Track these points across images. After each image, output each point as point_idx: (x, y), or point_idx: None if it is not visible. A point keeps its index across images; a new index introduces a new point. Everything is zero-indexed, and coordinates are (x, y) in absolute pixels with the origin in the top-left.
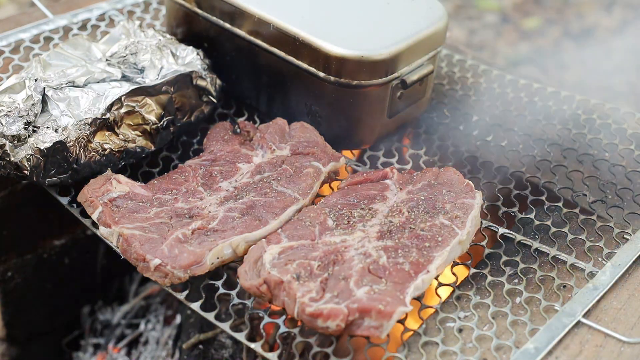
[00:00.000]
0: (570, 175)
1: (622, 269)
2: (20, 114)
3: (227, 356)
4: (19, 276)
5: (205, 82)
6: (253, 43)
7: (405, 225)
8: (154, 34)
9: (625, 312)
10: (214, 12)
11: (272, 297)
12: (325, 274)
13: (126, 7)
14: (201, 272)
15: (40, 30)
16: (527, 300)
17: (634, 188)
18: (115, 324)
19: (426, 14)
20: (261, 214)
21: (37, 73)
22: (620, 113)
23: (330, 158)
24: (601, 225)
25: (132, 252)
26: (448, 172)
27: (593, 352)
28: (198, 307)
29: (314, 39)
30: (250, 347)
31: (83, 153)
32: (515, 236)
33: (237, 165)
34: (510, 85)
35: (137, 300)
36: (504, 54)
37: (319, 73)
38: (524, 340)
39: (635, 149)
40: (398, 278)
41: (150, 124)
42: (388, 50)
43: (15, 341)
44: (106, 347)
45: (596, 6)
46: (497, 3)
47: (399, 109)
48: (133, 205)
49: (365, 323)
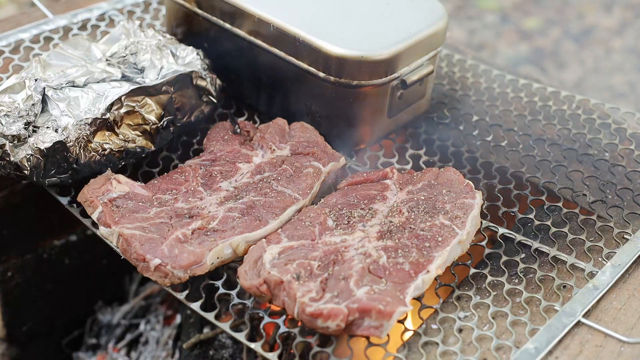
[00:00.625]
0: (570, 175)
1: (622, 269)
2: (20, 114)
3: (227, 356)
4: (19, 276)
5: (205, 82)
6: (253, 43)
7: (405, 225)
8: (154, 34)
9: (625, 312)
10: (214, 12)
11: (272, 297)
12: (325, 274)
13: (126, 7)
14: (201, 272)
15: (40, 30)
16: (527, 300)
17: (634, 188)
18: (115, 324)
19: (426, 14)
20: (261, 214)
21: (37, 73)
22: (620, 113)
23: (331, 158)
24: (601, 225)
25: (132, 252)
26: (448, 172)
27: (593, 352)
28: (198, 307)
29: (314, 39)
30: (250, 347)
31: (83, 153)
32: (515, 236)
33: (237, 165)
34: (510, 85)
35: (137, 300)
36: (504, 54)
37: (319, 73)
38: (524, 340)
39: (635, 149)
40: (398, 278)
41: (150, 124)
42: (388, 50)
43: (15, 341)
44: (106, 347)
45: (596, 6)
46: (497, 3)
47: (399, 109)
48: (133, 205)
49: (365, 323)
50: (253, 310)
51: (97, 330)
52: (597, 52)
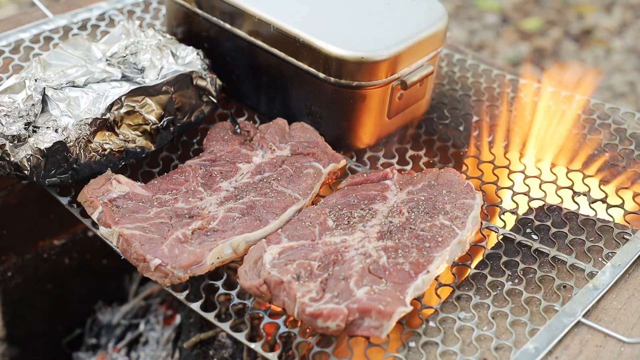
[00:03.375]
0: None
1: (622, 269)
2: (20, 114)
3: (227, 356)
4: (19, 276)
5: (205, 82)
6: (253, 44)
7: (405, 225)
8: (154, 34)
9: (625, 312)
10: (214, 12)
11: (272, 297)
12: (325, 274)
13: (126, 6)
14: (201, 272)
15: (40, 30)
16: (527, 301)
17: (634, 188)
18: (115, 324)
19: (426, 15)
20: (261, 214)
21: (37, 73)
22: (620, 113)
23: (331, 159)
24: (601, 226)
25: (132, 252)
26: (448, 173)
27: (593, 352)
28: (198, 307)
29: (314, 39)
30: (250, 347)
31: (83, 153)
32: (515, 236)
33: (237, 165)
34: (510, 85)
35: (137, 300)
36: (504, 54)
37: (319, 74)
38: (524, 340)
39: (635, 149)
40: (398, 278)
41: (150, 124)
42: (388, 51)
43: (15, 341)
44: (106, 347)
45: (596, 7)
46: (497, 3)
47: (399, 109)
48: (133, 206)
49: (365, 323)
50: (253, 311)
51: (97, 330)
52: (597, 52)
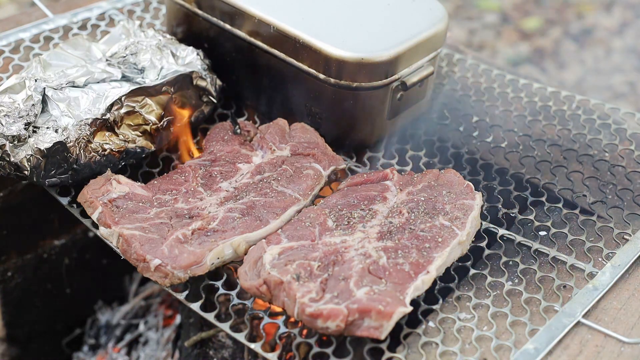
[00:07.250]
0: (570, 176)
1: (622, 270)
2: (20, 114)
3: (227, 356)
4: (19, 276)
5: (205, 82)
6: (253, 44)
7: (405, 226)
8: (154, 34)
9: (625, 312)
10: (214, 12)
11: (272, 297)
12: (325, 274)
13: (126, 6)
14: (201, 272)
15: (41, 30)
16: (527, 301)
17: (634, 188)
18: (115, 324)
19: (426, 16)
20: (262, 214)
21: (37, 73)
22: (620, 113)
23: (331, 160)
24: (601, 226)
25: (132, 253)
26: (448, 174)
27: (593, 352)
28: (198, 307)
29: (314, 40)
30: (250, 347)
31: (83, 153)
32: (515, 237)
33: (237, 165)
34: (510, 85)
35: (137, 300)
36: (504, 54)
37: (319, 75)
38: (524, 340)
39: (635, 149)
40: (398, 279)
41: (150, 124)
42: (388, 52)
43: (15, 341)
44: (106, 347)
45: (596, 6)
46: (497, 3)
47: (399, 110)
48: (133, 206)
49: (365, 323)
50: (253, 311)
51: (97, 330)
52: (597, 52)
